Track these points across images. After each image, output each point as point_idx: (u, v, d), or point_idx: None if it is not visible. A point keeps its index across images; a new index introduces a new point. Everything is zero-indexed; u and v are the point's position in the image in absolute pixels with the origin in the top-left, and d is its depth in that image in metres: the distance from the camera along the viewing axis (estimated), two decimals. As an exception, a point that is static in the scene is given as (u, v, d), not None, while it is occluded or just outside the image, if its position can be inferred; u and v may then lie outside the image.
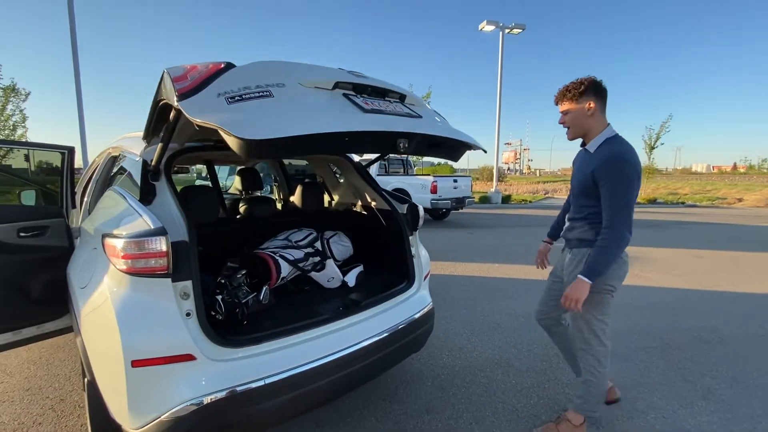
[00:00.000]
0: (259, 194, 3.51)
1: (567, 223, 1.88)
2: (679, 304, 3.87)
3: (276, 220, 2.53)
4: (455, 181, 9.37)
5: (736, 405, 2.17)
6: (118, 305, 1.34)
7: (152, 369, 1.31)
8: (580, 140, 1.81)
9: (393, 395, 2.28)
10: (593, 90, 1.64)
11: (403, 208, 2.30)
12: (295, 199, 2.66)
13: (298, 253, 2.05)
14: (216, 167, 8.33)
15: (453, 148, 1.71)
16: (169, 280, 1.37)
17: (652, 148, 18.42)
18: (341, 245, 2.38)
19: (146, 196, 1.58)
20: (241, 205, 2.45)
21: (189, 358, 1.35)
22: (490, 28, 15.81)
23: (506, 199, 16.87)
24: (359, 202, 2.68)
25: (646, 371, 2.56)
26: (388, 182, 8.86)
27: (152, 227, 1.34)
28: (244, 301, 1.67)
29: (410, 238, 2.23)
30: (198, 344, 1.37)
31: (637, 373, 2.53)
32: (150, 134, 1.63)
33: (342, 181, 2.91)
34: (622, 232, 1.56)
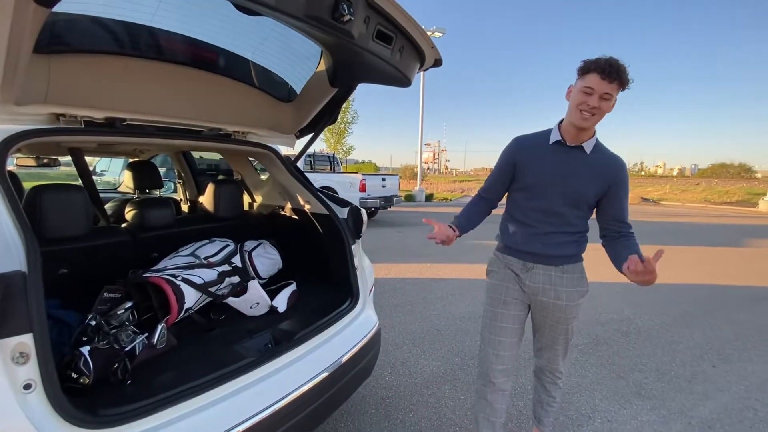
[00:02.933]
0: (157, 194, 2.85)
1: (532, 237, 1.48)
2: (595, 298, 4.13)
3: (179, 229, 1.98)
4: (383, 179, 9.22)
5: (667, 400, 2.26)
6: None
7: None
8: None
9: (334, 431, 1.94)
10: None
11: (343, 212, 1.95)
12: (206, 200, 2.14)
13: (210, 274, 1.58)
14: (101, 160, 6.93)
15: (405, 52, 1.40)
16: (-12, 337, 0.85)
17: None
18: (267, 258, 1.94)
19: None
20: (128, 209, 1.85)
21: (26, 459, 0.85)
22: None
23: (429, 198, 17.39)
24: (288, 205, 2.26)
25: (582, 371, 2.58)
26: (314, 180, 8.25)
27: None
28: (129, 348, 1.18)
29: (353, 247, 1.90)
30: (45, 430, 0.88)
31: (576, 373, 2.54)
32: None
33: (265, 178, 2.45)
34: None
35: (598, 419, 2.08)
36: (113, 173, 6.85)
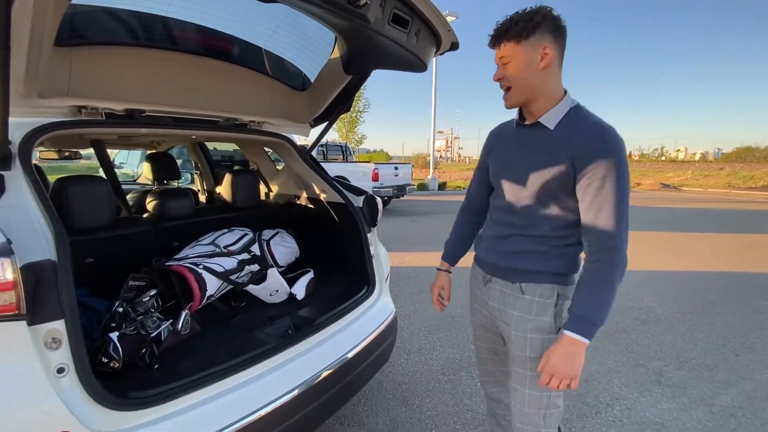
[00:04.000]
0: (175, 185, 2.90)
1: (492, 242, 1.18)
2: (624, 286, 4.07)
3: (198, 218, 2.01)
4: (396, 168, 9.18)
5: (688, 388, 2.23)
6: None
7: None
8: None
9: (352, 416, 1.97)
10: (551, 28, 0.98)
11: (358, 201, 1.96)
12: (223, 190, 2.17)
13: (230, 262, 1.61)
14: (119, 152, 7.06)
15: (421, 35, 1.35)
16: (23, 323, 0.89)
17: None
18: (284, 247, 1.97)
19: None
20: (149, 199, 1.89)
21: (63, 438, 0.89)
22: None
23: (442, 186, 17.26)
24: (304, 194, 2.28)
25: (601, 358, 2.56)
26: (327, 169, 8.34)
27: (-19, 244, 0.84)
28: (154, 334, 1.22)
29: (368, 235, 1.91)
30: (79, 415, 0.92)
31: (593, 360, 2.52)
32: None
33: (281, 168, 2.47)
34: (624, 254, 0.98)
35: (617, 407, 2.07)
36: (131, 165, 7.00)
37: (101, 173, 2.73)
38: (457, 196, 14.72)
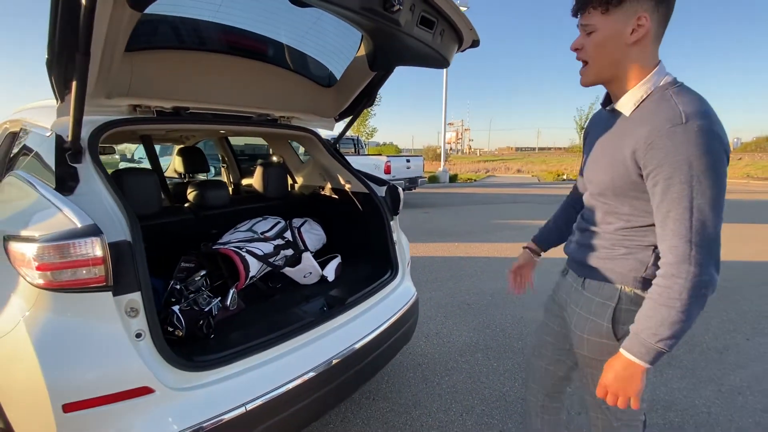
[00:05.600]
0: (205, 177, 3.07)
1: (575, 234, 1.12)
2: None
3: (234, 208, 2.17)
4: (408, 161, 9.27)
5: (698, 369, 2.31)
6: (37, 333, 0.99)
7: (94, 412, 0.99)
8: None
9: (377, 392, 2.12)
10: None
11: (381, 191, 2.08)
12: (255, 182, 2.32)
13: (267, 247, 1.76)
14: (138, 147, 7.32)
15: (445, 37, 1.45)
16: (110, 293, 1.04)
17: (582, 128, 19.82)
18: (313, 234, 2.11)
19: (65, 183, 1.19)
20: (189, 190, 2.05)
21: (145, 391, 1.05)
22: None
23: (453, 178, 17.28)
24: (328, 185, 2.41)
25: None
26: (340, 162, 8.49)
27: (80, 225, 0.99)
28: (207, 309, 1.37)
29: (391, 223, 2.03)
30: (156, 372, 1.07)
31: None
32: (55, 60, 1.06)
33: (306, 161, 2.60)
34: (703, 270, 0.78)
35: (628, 385, 2.17)
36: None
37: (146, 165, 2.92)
38: (468, 188, 14.74)
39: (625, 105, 0.89)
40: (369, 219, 2.11)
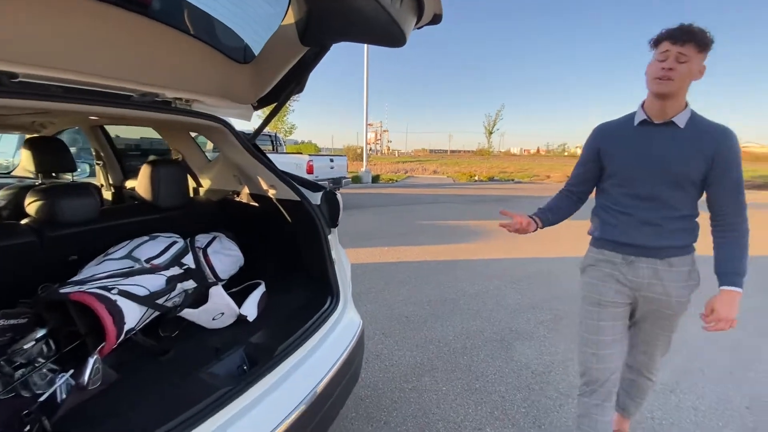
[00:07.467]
0: (69, 179, 2.30)
1: (631, 227, 1.36)
2: (556, 272, 4.29)
3: (105, 223, 1.54)
4: (331, 160, 8.82)
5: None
6: None
7: None
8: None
9: (313, 447, 1.71)
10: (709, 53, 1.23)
11: (316, 197, 1.67)
12: (140, 186, 1.71)
13: (156, 281, 1.22)
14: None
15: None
16: None
17: (491, 132, 21.44)
18: (225, 255, 1.60)
19: None
20: (29, 199, 1.38)
21: None
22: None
23: (375, 179, 17.23)
24: (245, 189, 1.91)
25: (551, 347, 2.62)
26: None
27: None
28: (44, 396, 0.84)
29: (329, 237, 1.64)
30: None
31: (536, 351, 2.57)
32: None
33: (214, 159, 2.06)
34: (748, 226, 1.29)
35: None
36: (3, 154, 5.64)
37: None
38: (391, 188, 14.76)
39: (681, 120, 1.28)
40: (300, 233, 1.69)
